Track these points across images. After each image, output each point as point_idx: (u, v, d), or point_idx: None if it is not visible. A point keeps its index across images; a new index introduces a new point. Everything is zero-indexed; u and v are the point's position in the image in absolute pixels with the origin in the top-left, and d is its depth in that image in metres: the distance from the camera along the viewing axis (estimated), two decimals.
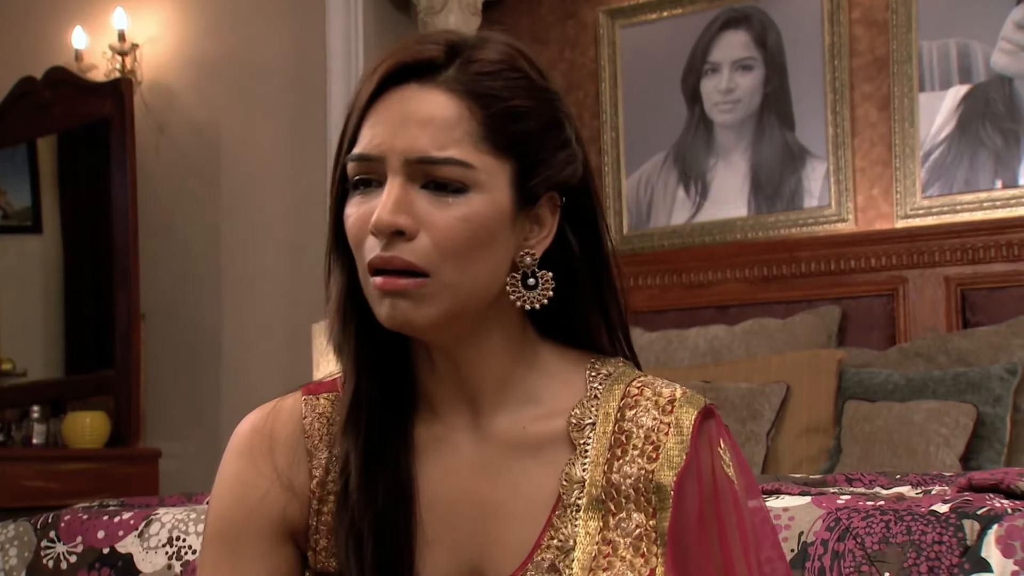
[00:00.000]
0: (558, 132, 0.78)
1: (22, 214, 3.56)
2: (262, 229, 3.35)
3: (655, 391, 0.80)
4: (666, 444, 0.78)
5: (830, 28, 3.05)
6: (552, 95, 0.79)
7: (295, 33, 3.37)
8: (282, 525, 0.82)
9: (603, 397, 0.81)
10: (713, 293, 3.08)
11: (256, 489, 0.82)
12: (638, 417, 0.79)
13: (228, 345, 3.36)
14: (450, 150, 0.74)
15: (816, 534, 1.19)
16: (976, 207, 2.87)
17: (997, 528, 1.12)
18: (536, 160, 0.77)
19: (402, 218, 0.74)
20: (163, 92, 3.46)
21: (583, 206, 0.81)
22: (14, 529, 1.63)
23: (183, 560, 1.50)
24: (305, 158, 3.28)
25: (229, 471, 0.84)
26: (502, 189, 0.76)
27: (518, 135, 0.76)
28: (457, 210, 0.74)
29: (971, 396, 2.38)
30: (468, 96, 0.75)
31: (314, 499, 0.82)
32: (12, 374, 3.39)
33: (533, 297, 0.78)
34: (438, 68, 0.76)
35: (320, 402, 0.84)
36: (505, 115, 0.75)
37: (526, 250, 0.78)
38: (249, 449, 0.83)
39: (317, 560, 0.82)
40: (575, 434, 0.80)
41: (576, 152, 0.80)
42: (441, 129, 0.74)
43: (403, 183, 0.74)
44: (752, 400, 2.57)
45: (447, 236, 0.74)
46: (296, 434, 0.83)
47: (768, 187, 3.12)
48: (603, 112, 3.31)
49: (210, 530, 0.84)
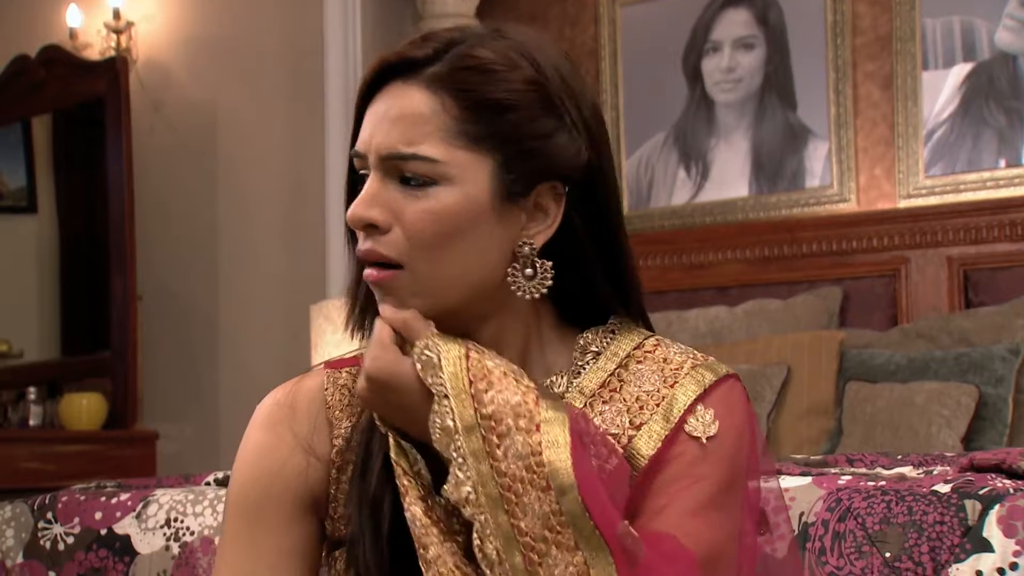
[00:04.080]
0: (549, 122, 0.78)
1: (17, 194, 3.54)
2: (259, 209, 3.33)
3: (667, 356, 0.82)
4: (650, 424, 0.79)
5: (832, 6, 3.03)
6: (546, 85, 0.78)
7: (292, 11, 3.34)
8: (303, 493, 0.83)
9: (619, 333, 0.83)
10: (714, 274, 3.07)
11: (276, 458, 0.83)
12: (642, 373, 0.81)
13: (225, 326, 3.35)
14: (419, 145, 0.76)
15: (817, 514, 1.18)
16: (979, 186, 2.85)
17: (999, 508, 1.11)
18: (520, 151, 0.78)
19: (373, 212, 0.77)
20: (159, 71, 3.43)
21: (593, 193, 0.81)
22: (11, 510, 1.62)
23: (180, 541, 1.50)
24: (302, 137, 3.26)
25: (250, 443, 0.85)
26: (478, 182, 0.77)
27: (496, 128, 0.77)
28: (425, 203, 0.77)
29: (973, 377, 2.37)
30: (444, 91, 0.77)
31: (334, 467, 0.83)
32: (8, 355, 3.38)
33: (531, 286, 0.79)
34: (423, 65, 0.78)
35: (342, 375, 0.86)
36: (482, 108, 0.77)
37: (524, 240, 0.79)
38: (271, 421, 0.85)
39: (335, 529, 0.83)
40: (576, 355, 0.82)
41: (577, 142, 0.79)
42: (412, 125, 0.77)
43: (381, 178, 0.78)
44: (753, 382, 2.56)
45: (416, 229, 0.77)
46: (317, 404, 0.85)
47: (769, 167, 3.10)
48: (603, 91, 3.28)
49: (231, 504, 0.85)
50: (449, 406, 0.73)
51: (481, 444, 0.72)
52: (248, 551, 0.82)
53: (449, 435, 0.73)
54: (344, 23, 3.22)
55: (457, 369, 0.74)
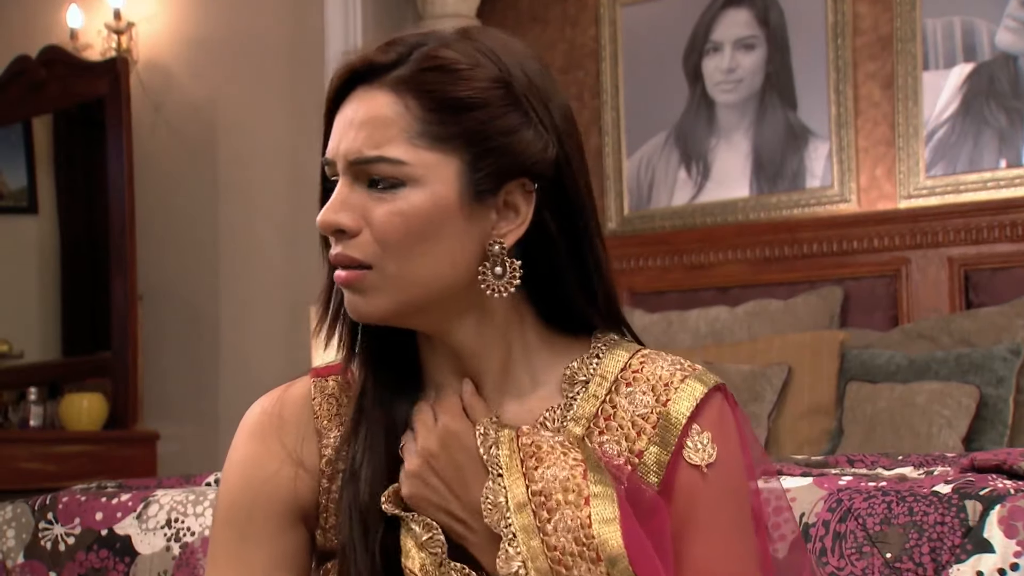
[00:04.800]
0: (515, 119, 0.78)
1: (18, 194, 3.54)
2: (260, 209, 3.33)
3: (655, 372, 0.81)
4: (648, 451, 0.79)
5: (833, 6, 3.02)
6: (511, 82, 0.78)
7: (293, 11, 3.34)
8: (292, 504, 0.83)
9: (604, 358, 0.83)
10: (714, 274, 3.07)
11: (265, 468, 0.83)
12: (633, 395, 0.81)
13: (226, 326, 3.35)
14: (383, 148, 0.77)
15: (818, 515, 1.18)
16: (980, 187, 2.85)
17: (1000, 509, 1.11)
18: (485, 149, 0.77)
19: (342, 216, 0.78)
20: (159, 71, 3.43)
21: (563, 191, 0.80)
22: (12, 511, 1.62)
23: (181, 542, 1.49)
24: (303, 137, 3.26)
25: (238, 454, 0.85)
26: (445, 181, 0.77)
27: (461, 127, 0.77)
28: (392, 205, 0.77)
29: (974, 377, 2.37)
30: (408, 93, 0.77)
31: (323, 477, 0.83)
32: (9, 356, 3.38)
33: (500, 285, 0.79)
34: (388, 69, 0.78)
35: (329, 383, 0.86)
36: (446, 108, 0.77)
37: (495, 238, 0.79)
38: (260, 431, 0.85)
39: (326, 539, 0.83)
40: (565, 386, 0.82)
41: (544, 139, 0.79)
42: (376, 128, 0.77)
43: (350, 183, 0.79)
44: (754, 382, 2.56)
45: (384, 231, 0.77)
46: (305, 414, 0.85)
47: (770, 167, 3.10)
48: (604, 92, 3.28)
49: (219, 515, 0.84)
50: (502, 484, 0.76)
51: (532, 520, 0.75)
52: (237, 562, 0.82)
53: (500, 512, 0.75)
54: (345, 24, 3.22)
55: (511, 449, 0.77)
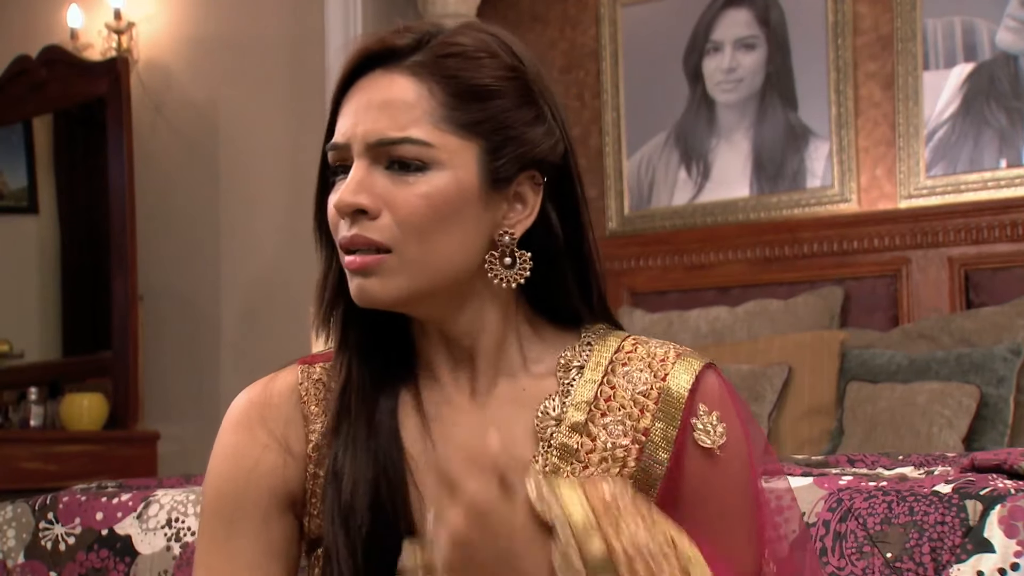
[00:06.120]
0: (530, 111, 0.79)
1: (18, 194, 3.54)
2: (260, 209, 3.33)
3: (649, 351, 0.82)
4: (654, 428, 0.79)
5: (833, 6, 3.02)
6: (525, 74, 0.79)
7: (293, 10, 3.34)
8: (279, 492, 0.82)
9: (596, 345, 0.83)
10: (715, 274, 3.07)
11: (251, 456, 0.82)
12: (631, 374, 0.81)
13: (227, 326, 3.35)
14: (408, 130, 0.76)
15: (818, 515, 1.18)
16: (980, 187, 2.85)
17: (1000, 508, 1.11)
18: (505, 138, 0.78)
19: (362, 197, 0.76)
20: (160, 71, 3.43)
21: (565, 186, 0.82)
22: (12, 511, 1.62)
23: (182, 542, 1.49)
24: (303, 137, 3.26)
25: (224, 443, 0.84)
26: (467, 167, 0.77)
27: (484, 114, 0.77)
28: (418, 188, 0.76)
29: (974, 377, 2.37)
30: (430, 77, 0.77)
31: (310, 463, 0.82)
32: (9, 355, 3.38)
33: (510, 276, 0.79)
34: (404, 54, 0.78)
35: (315, 370, 0.85)
36: (469, 94, 0.77)
37: (505, 229, 0.79)
38: (245, 420, 0.84)
39: (315, 526, 0.82)
40: (561, 374, 0.82)
41: (554, 130, 0.80)
42: (400, 110, 0.76)
43: (367, 166, 0.77)
44: (754, 382, 2.56)
45: (408, 213, 0.76)
46: (292, 400, 0.84)
47: (770, 167, 3.10)
48: (604, 92, 3.28)
49: (206, 507, 0.84)
50: (572, 544, 0.68)
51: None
52: (225, 552, 0.81)
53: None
54: (345, 24, 3.22)
55: (581, 506, 0.69)
